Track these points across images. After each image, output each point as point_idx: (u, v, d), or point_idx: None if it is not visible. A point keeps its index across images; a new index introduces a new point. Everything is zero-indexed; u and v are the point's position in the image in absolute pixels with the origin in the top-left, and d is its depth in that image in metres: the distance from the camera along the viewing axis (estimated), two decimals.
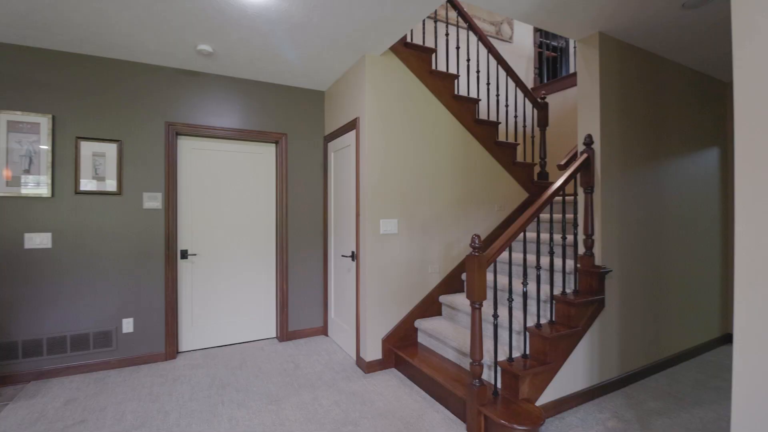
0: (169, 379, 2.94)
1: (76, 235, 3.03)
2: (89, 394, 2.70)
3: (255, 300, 3.76)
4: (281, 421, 2.36)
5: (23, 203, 2.89)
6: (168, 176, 3.31)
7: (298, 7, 2.34)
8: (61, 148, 2.99)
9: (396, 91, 3.14)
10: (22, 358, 2.87)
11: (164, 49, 2.94)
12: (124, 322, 3.19)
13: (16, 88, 2.85)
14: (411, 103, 3.21)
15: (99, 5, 2.31)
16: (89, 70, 3.05)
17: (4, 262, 2.83)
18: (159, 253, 3.30)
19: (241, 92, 3.57)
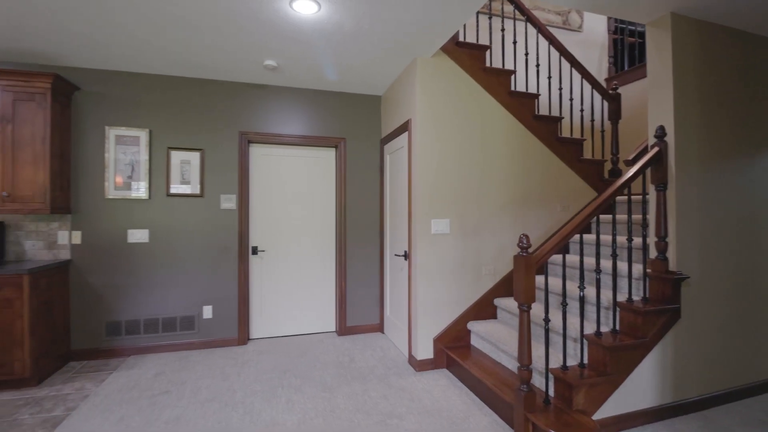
0: (239, 362, 3.27)
1: (167, 231, 3.51)
2: (174, 369, 3.11)
3: (316, 295, 4.00)
4: (332, 408, 2.50)
5: (128, 204, 3.43)
6: (241, 180, 3.68)
7: (347, 18, 2.47)
8: (156, 157, 3.49)
9: (447, 91, 3.14)
10: (124, 335, 3.41)
11: (236, 67, 3.28)
12: (205, 309, 3.61)
13: (121, 108, 3.40)
14: (463, 102, 3.18)
15: (184, 34, 2.68)
16: (177, 89, 3.53)
17: (113, 254, 3.39)
18: (233, 249, 3.67)
19: (304, 101, 3.84)
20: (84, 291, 3.33)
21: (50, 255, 3.26)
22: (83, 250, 3.33)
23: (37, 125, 2.96)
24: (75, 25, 2.58)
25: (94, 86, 3.34)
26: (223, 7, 2.34)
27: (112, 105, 3.38)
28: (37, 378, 2.82)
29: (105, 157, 3.35)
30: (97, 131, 3.35)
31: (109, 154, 3.35)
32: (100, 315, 3.37)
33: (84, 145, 3.33)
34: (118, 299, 3.40)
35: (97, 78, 3.35)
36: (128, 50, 2.97)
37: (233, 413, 2.44)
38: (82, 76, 3.31)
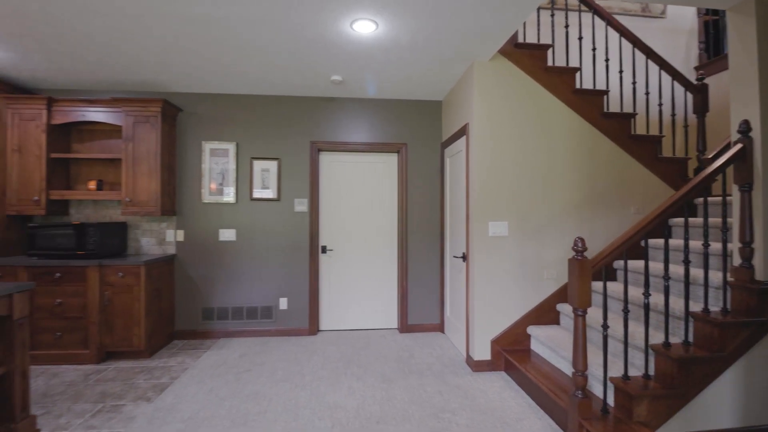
0: (309, 350, 3.60)
1: (250, 231, 3.99)
2: (255, 352, 3.54)
3: (379, 293, 4.22)
4: (389, 397, 2.68)
5: (219, 207, 3.97)
6: (312, 185, 4.04)
7: (403, 33, 2.64)
8: (242, 166, 3.99)
9: (506, 93, 3.14)
10: (216, 320, 3.95)
11: (307, 83, 3.63)
12: (281, 301, 4.02)
13: (214, 125, 3.95)
14: (523, 104, 3.16)
15: (263, 59, 3.06)
16: (258, 106, 4.00)
17: (207, 250, 3.95)
18: (305, 248, 4.05)
19: (368, 110, 4.09)
20: (185, 281, 3.94)
21: (160, 250, 3.91)
22: (185, 247, 3.94)
23: (151, 143, 3.59)
24: (178, 59, 3.10)
25: (193, 108, 3.94)
26: (294, 32, 2.65)
27: (207, 123, 3.95)
28: (149, 351, 3.43)
29: (202, 168, 3.93)
30: (195, 146, 3.94)
31: (204, 165, 3.92)
32: (198, 302, 3.95)
33: (185, 157, 3.93)
34: (211, 289, 3.96)
35: (195, 100, 3.94)
36: (218, 76, 3.46)
37: (302, 393, 2.74)
38: (184, 100, 3.93)
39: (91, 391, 2.76)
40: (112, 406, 2.56)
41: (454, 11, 2.36)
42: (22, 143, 3.48)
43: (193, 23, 2.52)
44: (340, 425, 2.34)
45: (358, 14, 2.41)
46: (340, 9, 2.35)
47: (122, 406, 2.56)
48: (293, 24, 2.52)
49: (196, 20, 2.48)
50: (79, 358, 3.25)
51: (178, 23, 2.52)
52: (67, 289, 3.25)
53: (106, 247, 3.47)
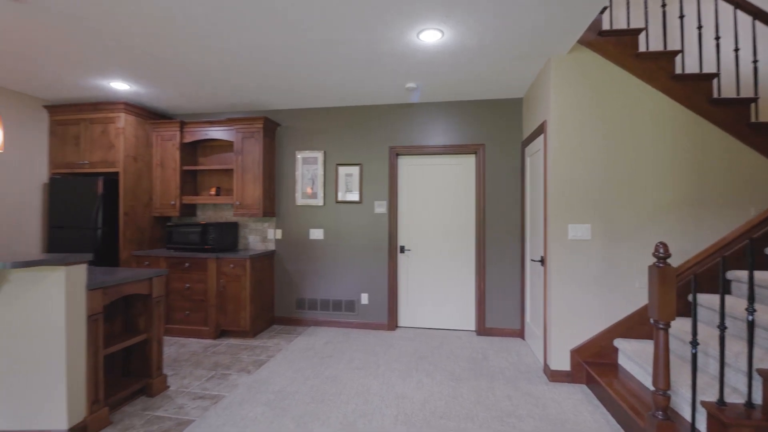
0: (386, 343, 3.82)
1: (336, 231, 4.38)
2: (338, 341, 3.89)
3: (456, 294, 4.25)
4: (455, 395, 2.73)
5: (309, 210, 4.43)
6: (390, 188, 4.26)
7: (470, 37, 2.67)
8: (328, 172, 4.39)
9: (588, 86, 2.93)
10: (307, 310, 4.42)
11: (384, 92, 3.86)
12: (362, 296, 4.33)
13: (305, 136, 4.43)
14: (608, 96, 2.91)
15: (343, 73, 3.37)
16: (342, 117, 4.36)
17: (300, 248, 4.44)
18: (384, 247, 4.28)
19: (444, 113, 4.16)
20: (282, 273, 4.49)
21: (263, 246, 4.53)
22: (282, 244, 4.49)
23: (255, 154, 4.18)
24: (275, 82, 3.58)
25: (289, 121, 4.47)
26: (368, 47, 2.88)
27: (299, 134, 4.45)
28: (252, 332, 4.01)
29: (295, 175, 4.44)
30: (290, 155, 4.47)
31: (298, 172, 4.42)
32: (293, 292, 4.47)
33: (282, 165, 4.49)
34: (303, 282, 4.44)
35: (290, 116, 4.47)
36: (308, 93, 3.89)
37: (374, 382, 2.95)
38: (281, 116, 4.49)
39: (207, 361, 3.37)
40: (221, 374, 3.10)
41: (521, 9, 2.33)
42: (163, 159, 4.38)
43: (286, 51, 2.92)
44: (404, 414, 2.48)
45: (423, 25, 2.53)
46: (405, 23, 2.49)
47: (229, 375, 3.08)
48: (367, 41, 2.75)
49: (288, 49, 2.87)
50: (201, 334, 3.97)
51: (273, 53, 2.94)
52: (194, 276, 3.99)
53: (222, 242, 4.16)
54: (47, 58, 3.06)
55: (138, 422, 2.37)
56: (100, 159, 4.13)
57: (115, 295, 2.43)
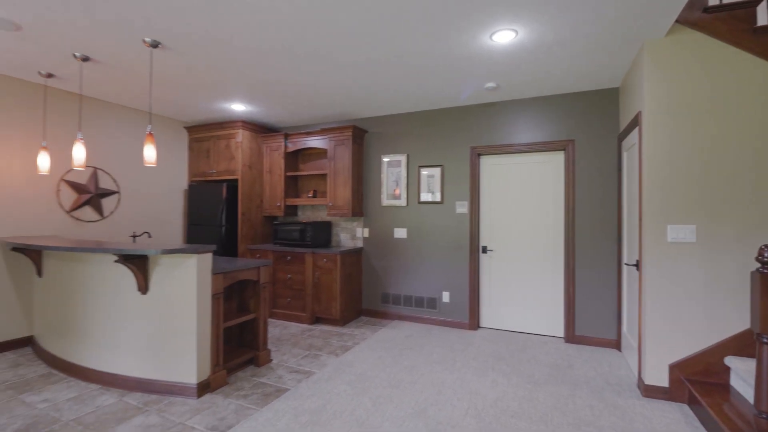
0: (465, 342, 3.87)
1: (418, 231, 4.56)
2: (419, 335, 4.06)
3: (543, 297, 4.08)
4: (531, 398, 2.70)
5: (394, 210, 4.70)
6: (472, 188, 4.28)
7: (546, 33, 2.61)
8: (411, 174, 4.60)
9: (690, 70, 2.62)
10: (391, 304, 4.69)
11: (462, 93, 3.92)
12: (444, 294, 4.43)
13: (390, 141, 4.71)
14: (716, 79, 2.56)
15: (422, 80, 3.54)
16: (423, 120, 4.52)
17: (385, 246, 4.73)
18: (465, 247, 4.33)
19: (528, 110, 4.03)
20: (369, 269, 4.83)
21: (352, 243, 4.94)
22: (369, 242, 4.84)
23: (345, 160, 4.60)
24: (361, 93, 3.92)
25: (375, 128, 4.80)
26: (442, 54, 3.01)
27: (384, 139, 4.75)
28: (342, 321, 4.41)
29: (380, 177, 4.75)
30: (376, 159, 4.79)
31: (383, 175, 4.73)
32: (378, 287, 4.78)
33: (369, 169, 4.83)
34: (388, 277, 4.72)
35: (376, 123, 4.79)
36: (389, 100, 4.15)
37: (449, 376, 3.06)
38: (369, 123, 4.84)
39: (303, 342, 3.84)
40: (314, 354, 3.52)
41: (598, 0, 2.23)
42: (271, 166, 5.07)
43: (368, 65, 3.21)
44: (475, 409, 2.55)
45: (495, 27, 2.56)
46: (477, 27, 2.56)
47: (320, 355, 3.49)
48: (440, 49, 2.88)
49: (370, 63, 3.16)
50: (300, 319, 4.51)
51: (357, 70, 3.26)
52: (294, 268, 4.56)
53: (318, 239, 4.67)
54: (187, 89, 3.85)
55: (247, 385, 2.87)
56: (224, 168, 4.98)
57: (232, 280, 2.97)
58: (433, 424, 2.36)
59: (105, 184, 4.35)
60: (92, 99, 4.21)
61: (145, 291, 2.74)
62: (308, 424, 2.35)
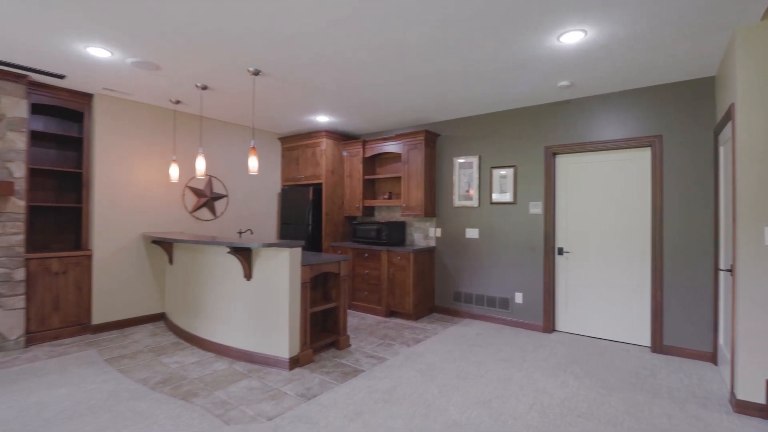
0: (537, 343, 3.85)
1: (490, 231, 4.62)
2: (489, 334, 4.14)
3: (626, 303, 3.87)
4: (602, 402, 2.66)
5: (465, 211, 4.82)
6: (546, 188, 4.22)
7: (619, 29, 2.56)
8: (483, 175, 4.68)
9: None
10: (462, 302, 4.81)
11: (535, 94, 3.91)
12: (516, 295, 4.43)
13: (461, 142, 4.83)
14: None
15: (488, 83, 3.64)
16: (495, 122, 4.57)
17: (457, 245, 4.87)
18: (539, 248, 4.28)
19: (609, 105, 3.87)
20: (441, 267, 5.01)
21: (425, 242, 5.16)
22: (441, 241, 5.02)
23: (418, 163, 4.84)
24: (434, 100, 4.13)
25: (447, 131, 4.97)
26: (510, 58, 3.10)
27: (456, 142, 4.89)
28: (415, 316, 4.66)
29: (453, 179, 4.90)
30: (448, 161, 4.96)
31: (455, 177, 4.87)
32: (450, 285, 4.94)
33: (441, 171, 5.02)
34: (459, 276, 4.85)
35: (448, 126, 4.96)
36: (460, 104, 4.30)
37: (516, 373, 3.13)
38: (441, 127, 5.02)
39: (378, 332, 4.17)
40: (388, 343, 3.82)
41: None
42: (351, 171, 5.53)
43: (438, 75, 3.43)
44: (540, 405, 2.61)
45: (562, 29, 2.60)
46: (542, 32, 2.62)
47: (393, 345, 3.78)
48: (507, 54, 2.98)
49: (439, 73, 3.37)
50: (376, 311, 4.86)
51: (428, 79, 3.49)
52: (371, 265, 4.93)
53: (392, 238, 4.99)
54: (281, 106, 4.44)
55: (329, 364, 3.27)
56: (311, 174, 5.57)
57: (317, 271, 3.41)
58: (496, 415, 2.49)
59: (217, 189, 5.18)
60: (209, 119, 5.05)
61: (249, 277, 3.29)
62: (380, 401, 2.64)
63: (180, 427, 2.31)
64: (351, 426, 2.34)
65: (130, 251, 4.35)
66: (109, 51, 3.00)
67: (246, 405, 2.58)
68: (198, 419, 2.39)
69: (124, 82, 3.73)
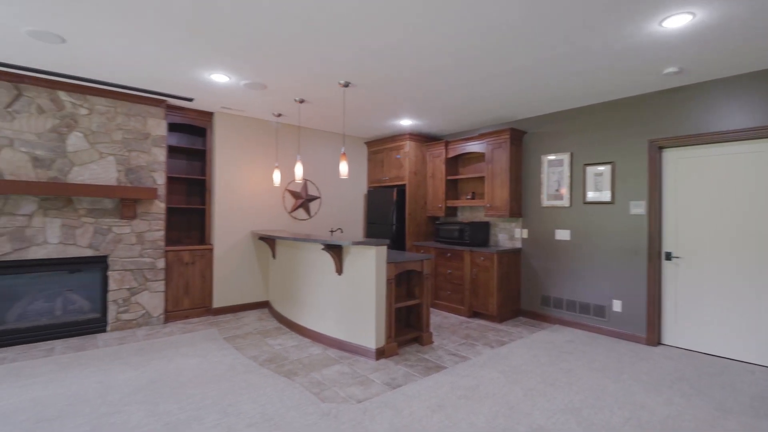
0: (638, 357, 3.53)
1: (583, 232, 4.34)
2: (582, 342, 3.90)
3: (754, 318, 3.33)
4: (715, 423, 2.37)
5: (555, 211, 4.58)
6: (651, 186, 3.83)
7: (734, 10, 2.26)
8: (575, 173, 4.41)
9: None
10: (552, 308, 4.58)
11: (636, 84, 3.57)
12: (614, 302, 4.09)
13: (551, 139, 4.61)
14: None
15: (589, 77, 3.44)
16: (588, 116, 4.27)
17: (545, 247, 4.66)
18: (642, 252, 3.90)
19: (728, 91, 3.37)
20: (528, 270, 4.84)
21: (510, 243, 5.03)
22: (528, 242, 4.85)
23: (503, 162, 4.75)
24: (520, 97, 4.03)
25: (534, 128, 4.78)
26: (602, 49, 2.91)
27: (544, 139, 4.68)
28: (499, 318, 4.58)
29: (541, 177, 4.70)
30: (535, 159, 4.76)
31: (543, 175, 4.67)
32: (537, 289, 4.74)
33: (528, 170, 4.84)
34: (548, 280, 4.64)
35: (535, 123, 4.77)
36: (550, 99, 4.11)
37: (612, 384, 2.92)
38: (527, 124, 4.85)
39: (461, 332, 4.20)
40: (470, 343, 3.84)
41: None
42: (433, 172, 5.62)
43: (525, 72, 3.36)
44: (637, 420, 2.43)
45: (664, 13, 2.38)
46: (640, 18, 2.43)
47: (476, 345, 3.79)
48: (599, 45, 2.81)
49: (525, 71, 3.30)
50: (459, 311, 4.89)
51: (513, 76, 3.44)
52: (453, 264, 4.97)
53: (475, 238, 4.96)
54: (368, 113, 4.72)
55: (412, 358, 3.42)
56: (394, 176, 5.79)
57: (401, 269, 3.58)
58: (586, 424, 2.38)
59: (312, 192, 5.68)
60: (305, 128, 5.58)
61: (340, 272, 3.59)
62: (462, 398, 2.70)
63: (284, 399, 2.65)
64: (434, 417, 2.44)
65: (242, 246, 5.01)
66: (227, 76, 3.53)
67: (338, 387, 2.84)
68: (298, 395, 2.72)
69: (238, 101, 4.33)
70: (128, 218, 4.16)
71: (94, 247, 3.99)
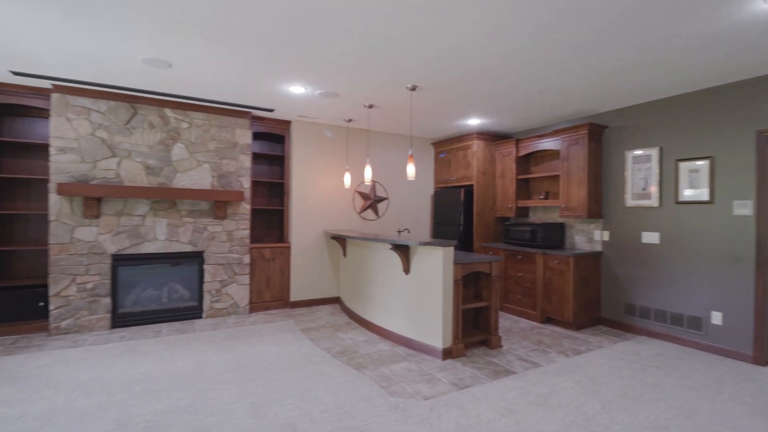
0: (742, 376, 3.11)
1: (676, 236, 3.92)
2: (672, 356, 3.53)
3: None
4: None
5: (641, 211, 4.20)
6: (759, 183, 3.35)
7: None
8: (665, 170, 4.00)
9: None
10: (637, 317, 4.20)
11: (738, 68, 3.14)
12: (713, 314, 3.65)
13: (636, 134, 4.23)
14: None
15: (681, 63, 3.13)
16: (680, 106, 3.84)
17: (630, 251, 4.29)
18: (749, 258, 3.42)
19: None
20: (610, 276, 4.49)
21: (588, 246, 4.71)
22: (610, 246, 4.50)
23: (580, 159, 4.47)
24: (598, 89, 3.78)
25: (616, 122, 4.42)
26: (695, 34, 2.63)
27: (628, 133, 4.31)
28: (575, 325, 4.32)
29: (624, 175, 4.34)
30: (618, 156, 4.41)
31: (627, 173, 4.30)
32: (620, 296, 4.38)
33: (609, 167, 4.49)
34: (633, 286, 4.27)
35: (617, 116, 4.41)
36: (634, 91, 3.78)
37: (708, 405, 2.62)
38: (608, 118, 4.50)
39: (532, 337, 4.05)
40: (542, 350, 3.68)
41: None
42: (503, 171, 5.46)
43: (603, 65, 3.15)
44: None
45: None
46: None
47: (548, 352, 3.62)
48: (689, 30, 2.54)
49: (609, 62, 3.10)
50: (530, 316, 4.70)
51: (590, 70, 3.24)
52: (524, 267, 4.79)
53: (549, 240, 4.73)
54: (434, 115, 4.75)
55: (480, 360, 3.38)
56: (462, 176, 5.73)
57: (469, 270, 3.56)
58: None
59: (380, 193, 5.86)
60: (374, 132, 5.77)
61: (407, 272, 3.68)
62: (533, 404, 2.62)
63: (355, 390, 2.80)
64: (502, 421, 2.41)
65: (316, 245, 5.34)
66: (304, 87, 3.80)
67: (406, 383, 2.93)
68: (368, 387, 2.85)
69: (313, 109, 4.63)
70: (220, 218, 4.67)
71: (193, 244, 4.54)
